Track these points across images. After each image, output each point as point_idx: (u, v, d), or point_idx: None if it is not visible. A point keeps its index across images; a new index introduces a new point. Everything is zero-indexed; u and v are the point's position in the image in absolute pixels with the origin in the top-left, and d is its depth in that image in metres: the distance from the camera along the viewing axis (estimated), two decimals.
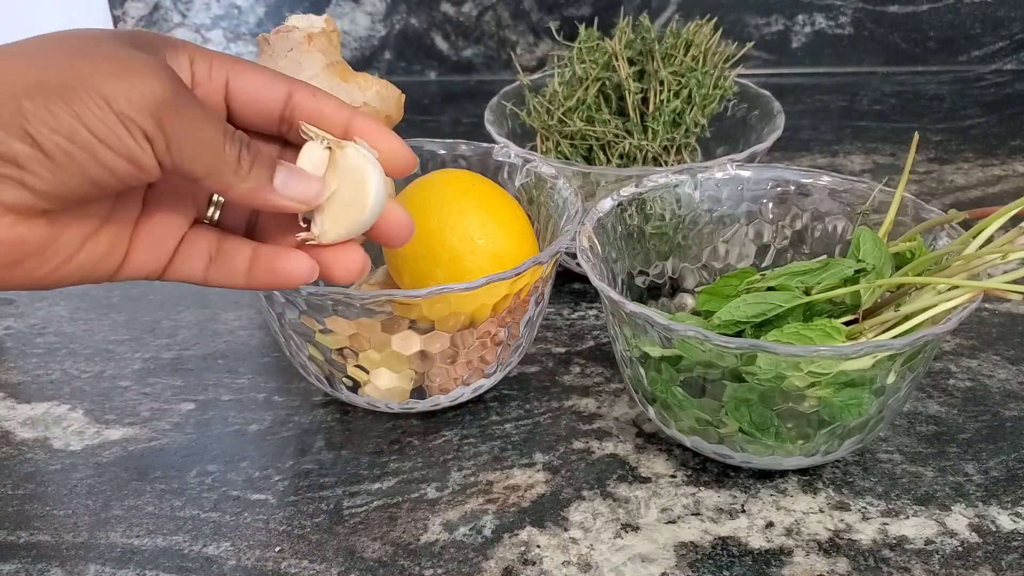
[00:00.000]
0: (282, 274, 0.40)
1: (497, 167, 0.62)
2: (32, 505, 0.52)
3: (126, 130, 0.33)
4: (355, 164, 0.39)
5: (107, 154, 0.33)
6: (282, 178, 0.38)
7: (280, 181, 0.37)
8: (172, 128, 0.34)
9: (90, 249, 0.37)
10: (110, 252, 0.38)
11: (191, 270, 0.40)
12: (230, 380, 0.61)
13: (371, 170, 0.39)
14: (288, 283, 0.40)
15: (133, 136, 0.33)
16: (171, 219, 0.39)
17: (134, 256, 0.39)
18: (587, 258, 0.52)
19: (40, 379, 0.62)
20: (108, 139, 0.33)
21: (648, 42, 0.71)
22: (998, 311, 0.66)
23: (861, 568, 0.46)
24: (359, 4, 1.07)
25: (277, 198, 0.38)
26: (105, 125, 0.33)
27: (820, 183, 0.59)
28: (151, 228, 0.39)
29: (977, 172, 0.87)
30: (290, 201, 0.38)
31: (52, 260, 0.36)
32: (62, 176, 0.33)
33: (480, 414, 0.58)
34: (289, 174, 0.38)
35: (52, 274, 0.36)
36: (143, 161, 0.34)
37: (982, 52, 1.09)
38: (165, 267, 0.40)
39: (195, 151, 0.35)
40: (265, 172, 0.37)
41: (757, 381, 0.46)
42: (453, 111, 1.03)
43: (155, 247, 0.39)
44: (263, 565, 0.47)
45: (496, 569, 0.47)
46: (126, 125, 0.33)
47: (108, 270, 0.38)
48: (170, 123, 0.34)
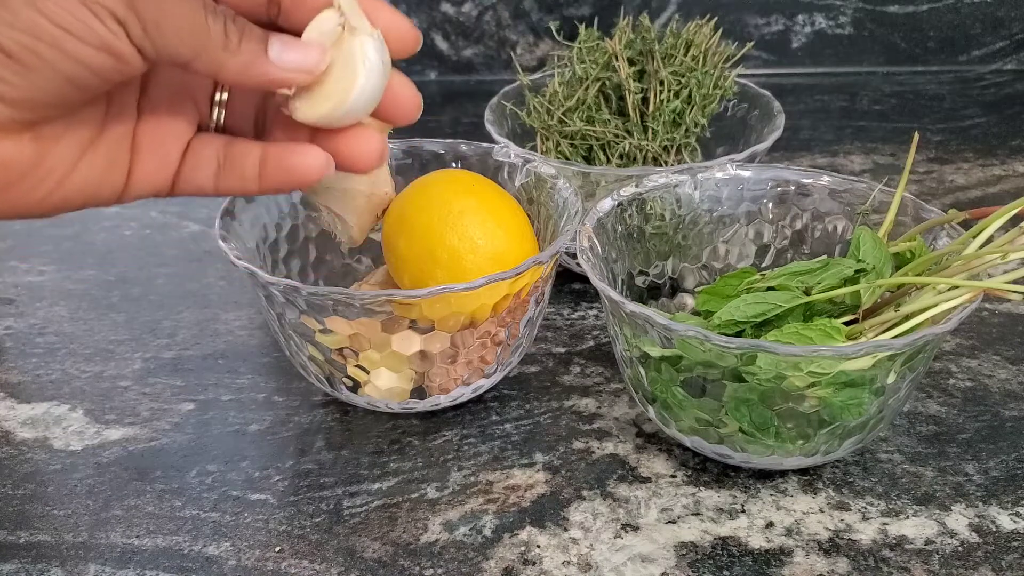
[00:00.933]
0: (295, 170, 0.36)
1: (497, 167, 0.62)
2: (32, 505, 0.52)
3: (93, 15, 0.30)
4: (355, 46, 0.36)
5: (77, 45, 0.30)
6: (277, 48, 0.34)
7: (276, 52, 0.34)
8: (144, 6, 0.31)
9: (88, 165, 0.34)
10: (110, 167, 0.35)
11: (201, 180, 0.37)
12: (230, 380, 0.61)
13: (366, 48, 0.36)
14: (303, 179, 0.37)
15: (102, 20, 0.30)
16: (172, 125, 0.37)
17: (138, 169, 0.36)
18: (587, 258, 0.52)
19: (40, 379, 0.62)
20: (75, 28, 0.30)
21: (648, 42, 0.71)
22: (998, 311, 0.66)
23: (861, 568, 0.46)
24: None
25: (275, 70, 0.34)
26: (69, 13, 0.30)
27: (820, 183, 0.59)
28: (152, 137, 0.36)
29: (977, 172, 0.87)
30: (290, 72, 0.35)
31: (47, 180, 0.33)
32: (34, 79, 0.30)
33: (480, 414, 0.58)
34: (284, 44, 0.35)
35: (50, 196, 0.34)
36: (118, 48, 0.31)
37: (982, 52, 1.09)
38: (173, 180, 0.37)
39: (175, 30, 0.32)
40: (257, 44, 0.34)
41: (757, 381, 0.46)
42: (453, 111, 1.03)
43: (159, 158, 0.36)
44: (263, 565, 0.47)
45: (496, 569, 0.47)
46: (92, 9, 0.30)
47: (113, 189, 0.36)
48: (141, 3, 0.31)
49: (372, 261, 0.66)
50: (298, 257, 0.63)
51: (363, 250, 0.65)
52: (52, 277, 0.73)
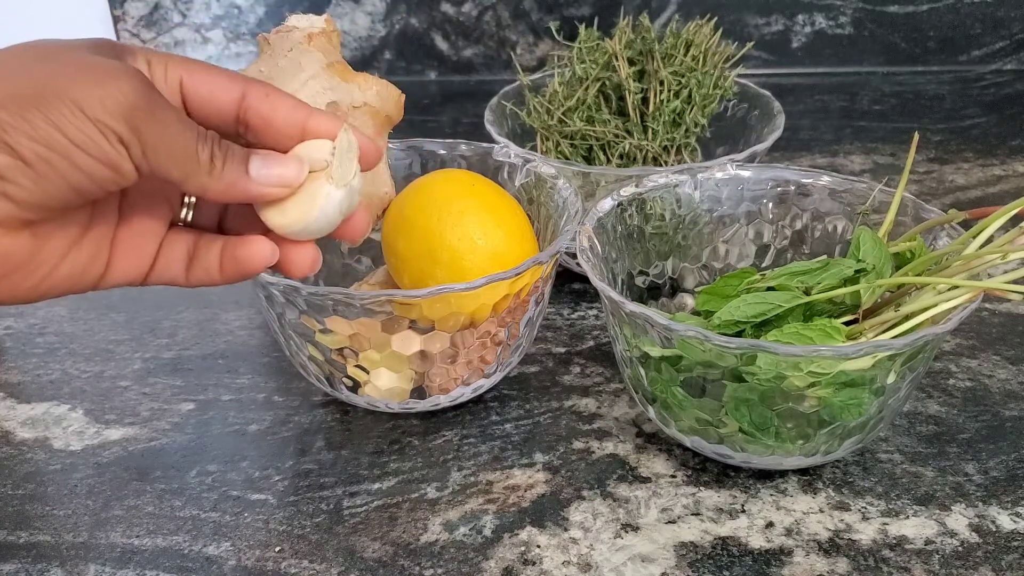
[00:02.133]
0: (243, 260, 0.40)
1: (497, 167, 0.62)
2: (32, 505, 0.52)
3: (102, 135, 0.33)
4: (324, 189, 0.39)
5: (85, 159, 0.34)
6: (257, 166, 0.38)
7: (255, 169, 0.38)
8: (146, 132, 0.34)
9: (73, 259, 0.37)
10: (93, 261, 0.38)
11: (172, 273, 0.41)
12: (230, 380, 0.61)
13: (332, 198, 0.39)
14: (250, 268, 0.40)
15: (109, 141, 0.34)
16: (148, 224, 0.40)
17: (116, 263, 0.39)
18: (587, 258, 0.52)
19: (40, 379, 0.62)
20: (85, 144, 0.33)
21: (648, 42, 0.71)
22: (998, 311, 0.66)
23: (861, 568, 0.46)
24: (359, 4, 1.07)
25: (255, 186, 0.38)
26: (81, 131, 0.33)
27: (820, 183, 0.59)
28: (130, 234, 0.39)
29: (977, 172, 0.87)
30: (269, 187, 0.38)
31: (37, 272, 0.36)
32: (43, 184, 0.33)
33: (480, 414, 0.58)
34: (263, 160, 0.38)
35: (38, 286, 0.37)
36: (120, 165, 0.34)
37: (982, 52, 1.09)
38: (147, 272, 0.40)
39: (169, 154, 0.35)
40: (239, 166, 0.37)
41: (757, 381, 0.46)
42: (453, 111, 1.03)
43: (136, 253, 0.40)
44: (263, 565, 0.47)
45: (496, 569, 0.47)
46: (101, 130, 0.33)
47: (92, 279, 0.39)
48: (144, 127, 0.34)
49: (372, 261, 0.66)
50: None
51: (363, 250, 0.65)
52: None
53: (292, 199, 0.39)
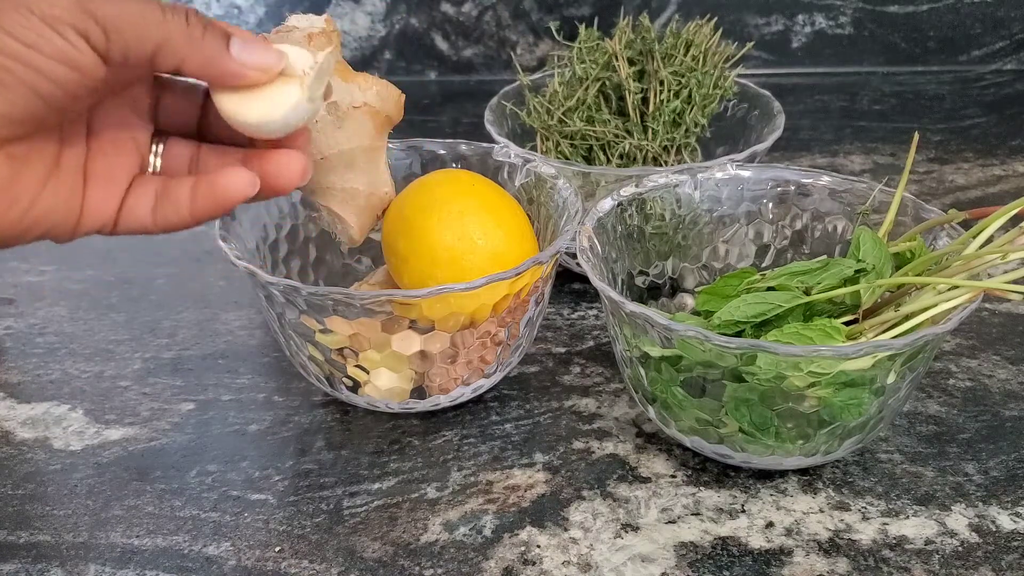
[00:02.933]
0: (220, 191, 0.38)
1: (497, 167, 0.62)
2: (32, 505, 0.52)
3: (54, 31, 0.32)
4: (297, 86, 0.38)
5: (43, 61, 0.33)
6: (238, 46, 0.36)
7: (237, 49, 0.36)
8: (103, 15, 0.33)
9: (52, 192, 0.37)
10: (69, 196, 0.38)
11: (140, 217, 0.40)
12: (230, 380, 0.61)
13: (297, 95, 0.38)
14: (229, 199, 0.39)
15: (62, 34, 0.33)
16: (116, 161, 0.39)
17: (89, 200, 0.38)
18: (587, 258, 0.52)
19: (40, 379, 0.62)
20: (39, 45, 0.32)
21: (648, 42, 0.71)
22: (998, 311, 0.66)
23: (861, 568, 0.46)
24: (359, 4, 1.07)
25: (235, 65, 0.36)
26: (33, 31, 0.32)
27: (820, 183, 0.59)
28: (100, 169, 0.39)
29: (977, 172, 0.87)
30: (248, 69, 0.37)
31: (21, 199, 0.36)
32: (7, 95, 0.33)
33: (480, 414, 0.58)
34: (244, 42, 0.37)
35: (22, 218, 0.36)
36: (79, 60, 0.33)
37: (982, 52, 1.09)
38: (116, 217, 0.39)
39: (136, 29, 0.34)
40: (219, 41, 0.36)
41: (757, 381, 0.46)
42: (453, 111, 1.03)
43: (107, 189, 0.39)
44: (263, 565, 0.47)
45: (496, 569, 0.47)
46: (54, 26, 0.32)
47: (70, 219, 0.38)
48: (100, 11, 0.33)
49: (372, 261, 0.66)
50: (298, 257, 0.63)
51: (363, 250, 0.65)
52: (52, 277, 0.73)
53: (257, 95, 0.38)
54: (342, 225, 0.53)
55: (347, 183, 0.52)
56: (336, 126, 0.50)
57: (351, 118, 0.50)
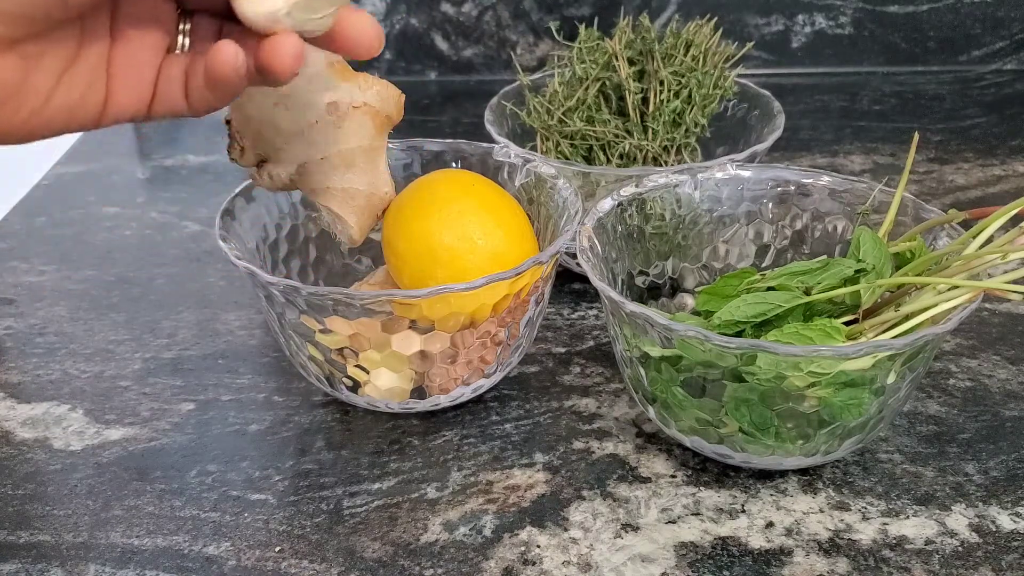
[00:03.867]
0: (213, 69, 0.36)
1: (497, 167, 0.62)
2: (32, 505, 0.52)
3: None
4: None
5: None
6: None
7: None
8: None
9: (67, 86, 0.36)
10: (89, 89, 0.36)
11: (174, 101, 0.38)
12: (230, 380, 0.61)
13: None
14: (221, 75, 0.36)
15: None
16: (143, 50, 0.38)
17: (115, 93, 0.37)
18: (587, 258, 0.52)
19: (40, 379, 0.62)
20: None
21: (648, 42, 0.71)
22: (998, 311, 0.66)
23: (861, 568, 0.46)
24: (359, 4, 1.07)
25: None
26: None
27: (820, 183, 0.59)
28: (126, 61, 0.37)
29: (977, 172, 0.87)
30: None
31: (31, 100, 0.35)
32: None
33: (480, 414, 0.58)
34: None
35: (34, 116, 0.35)
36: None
37: (982, 52, 1.09)
38: (149, 103, 0.38)
39: None
40: None
41: (757, 381, 0.46)
42: (453, 111, 1.03)
43: (134, 80, 0.37)
44: (263, 565, 0.47)
45: (496, 569, 0.47)
46: None
47: (92, 111, 0.37)
48: None
49: (372, 261, 0.66)
50: (298, 257, 0.63)
51: (363, 250, 0.65)
52: (52, 277, 0.73)
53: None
54: (342, 225, 0.53)
55: (347, 183, 0.52)
56: (336, 126, 0.50)
57: (351, 118, 0.51)
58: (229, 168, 0.51)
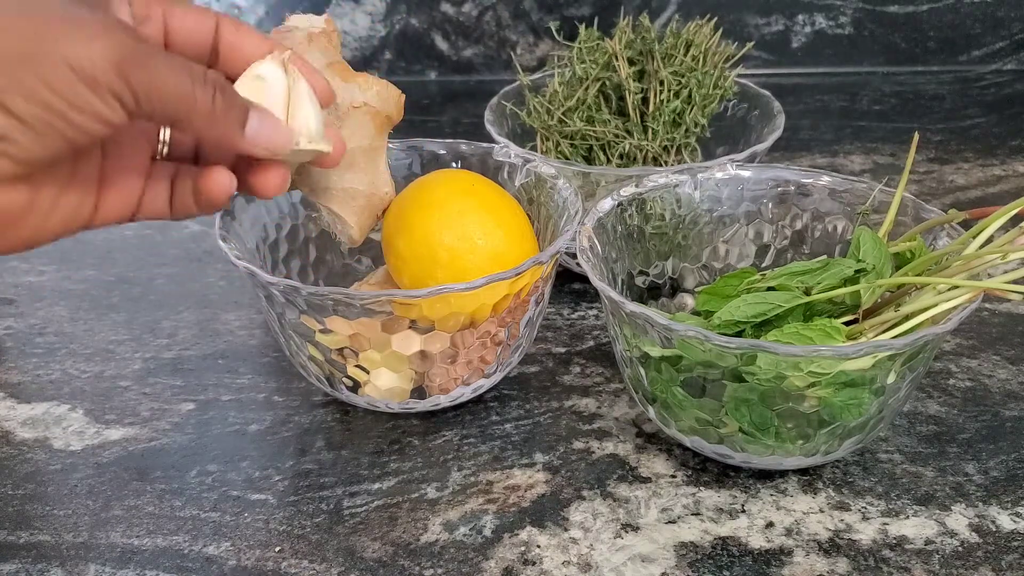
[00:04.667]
0: (206, 192, 0.41)
1: (497, 167, 0.62)
2: (32, 505, 0.52)
3: (93, 93, 0.34)
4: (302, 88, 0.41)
5: (79, 116, 0.35)
6: (254, 125, 0.39)
7: (252, 128, 0.39)
8: (138, 82, 0.35)
9: (65, 203, 0.39)
10: (82, 202, 0.39)
11: (158, 207, 0.42)
12: (230, 380, 0.61)
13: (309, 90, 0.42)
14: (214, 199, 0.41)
15: (100, 97, 0.34)
16: (132, 160, 0.41)
17: (106, 201, 0.40)
18: (587, 258, 0.52)
19: (40, 379, 0.62)
20: (78, 102, 0.34)
21: (648, 42, 0.71)
22: (998, 311, 0.66)
23: (861, 568, 0.46)
24: (359, 4, 1.07)
25: (247, 145, 0.39)
26: (73, 90, 0.34)
27: (820, 183, 0.59)
28: (116, 171, 0.41)
29: (977, 172, 0.87)
30: (258, 149, 0.39)
31: (35, 220, 0.38)
32: (40, 141, 0.35)
33: (480, 414, 0.58)
34: (261, 121, 0.39)
35: (36, 235, 0.38)
36: (111, 118, 0.35)
37: (982, 52, 1.09)
38: (135, 209, 0.42)
39: (164, 100, 0.36)
40: (237, 116, 0.38)
41: (757, 381, 0.46)
42: (453, 111, 1.03)
43: (123, 189, 0.41)
44: (263, 565, 0.47)
45: (496, 569, 0.47)
46: (93, 88, 0.34)
47: (84, 219, 0.40)
48: (135, 78, 0.35)
49: (372, 261, 0.66)
50: (298, 257, 0.63)
51: (363, 250, 0.65)
52: (52, 277, 0.73)
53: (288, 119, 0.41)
54: (342, 225, 0.53)
55: (347, 183, 0.52)
56: (336, 126, 0.50)
57: (351, 118, 0.50)
58: None
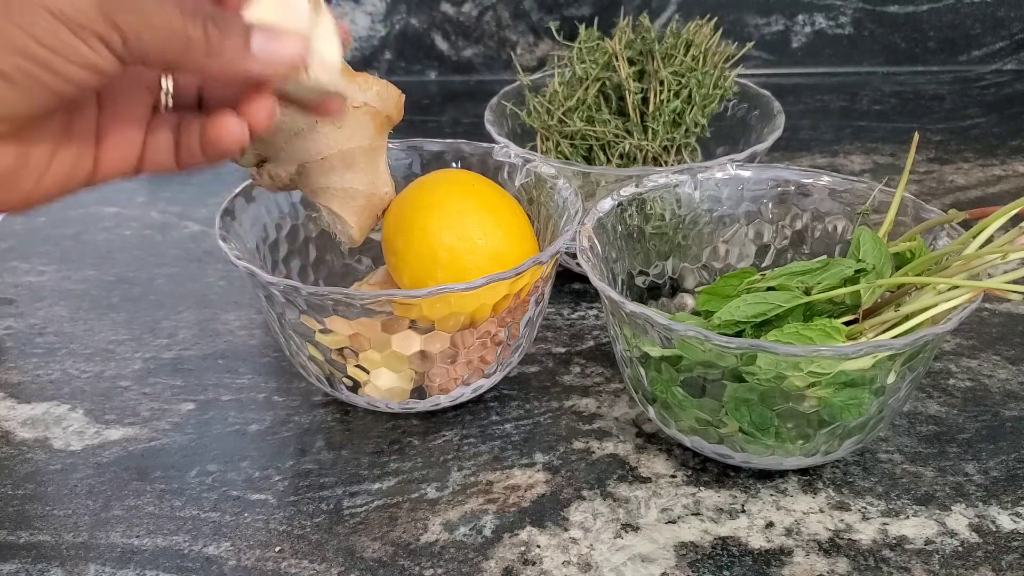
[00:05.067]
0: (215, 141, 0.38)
1: (497, 167, 0.62)
2: (32, 505, 0.52)
3: (78, 38, 0.32)
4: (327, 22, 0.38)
5: (64, 65, 0.33)
6: (260, 42, 0.36)
7: (258, 45, 0.36)
8: (124, 22, 0.33)
9: (60, 160, 0.37)
10: (79, 158, 0.38)
11: (162, 160, 0.40)
12: (230, 380, 0.61)
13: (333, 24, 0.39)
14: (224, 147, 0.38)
15: (86, 41, 0.32)
16: (130, 112, 0.39)
17: (105, 157, 0.38)
18: (587, 258, 0.52)
19: (40, 379, 0.62)
20: (63, 50, 0.32)
21: (648, 42, 0.71)
22: (998, 311, 0.66)
23: (861, 568, 0.46)
24: (359, 4, 1.07)
25: (257, 66, 0.36)
26: (55, 36, 0.32)
27: (820, 183, 0.59)
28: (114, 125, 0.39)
29: (977, 172, 0.87)
30: (272, 67, 0.36)
31: (29, 179, 0.36)
32: (26, 96, 0.33)
33: (480, 414, 0.58)
34: (266, 37, 0.36)
35: (33, 191, 0.37)
36: (100, 64, 0.33)
37: (982, 52, 1.09)
38: (137, 162, 0.39)
39: (156, 40, 0.33)
40: (238, 41, 0.35)
41: (757, 381, 0.46)
42: (453, 111, 1.03)
43: (123, 143, 0.39)
44: (263, 565, 0.47)
45: (496, 569, 0.47)
46: (77, 32, 0.32)
47: (83, 176, 0.38)
48: (121, 19, 0.33)
49: (372, 261, 0.66)
50: (298, 257, 0.63)
51: (363, 250, 0.65)
52: (52, 277, 0.73)
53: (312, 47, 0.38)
54: (342, 225, 0.53)
55: (347, 183, 0.52)
56: (336, 126, 0.50)
57: (351, 118, 0.50)
58: (229, 168, 0.51)
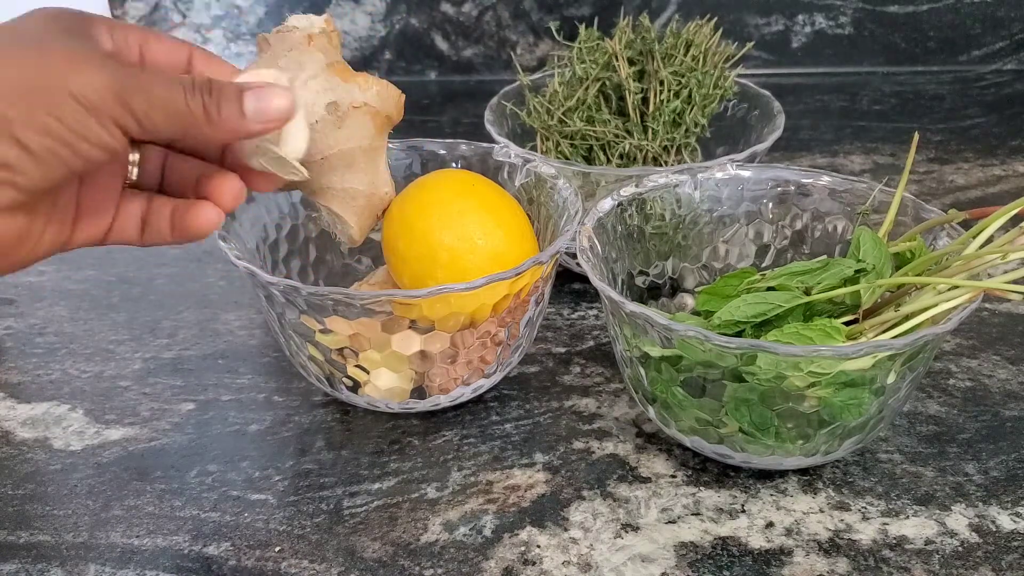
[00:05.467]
0: (191, 225, 0.42)
1: (497, 167, 0.62)
2: (32, 505, 0.52)
3: (96, 122, 0.36)
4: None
5: (84, 146, 0.36)
6: (252, 103, 0.39)
7: (251, 107, 0.39)
8: (137, 106, 0.36)
9: (50, 230, 0.40)
10: (62, 228, 0.41)
11: (128, 234, 0.43)
12: (230, 380, 0.61)
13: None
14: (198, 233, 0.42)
15: (104, 126, 0.36)
16: (106, 184, 0.42)
17: (80, 227, 0.41)
18: (587, 258, 0.52)
19: (40, 379, 0.62)
20: (83, 131, 0.36)
21: (648, 42, 0.71)
22: (998, 311, 0.66)
23: (861, 568, 0.46)
24: (359, 4, 1.07)
25: (254, 126, 0.39)
26: (78, 119, 0.35)
27: (820, 183, 0.59)
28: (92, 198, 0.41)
29: (977, 172, 0.87)
30: (266, 124, 0.40)
31: (27, 247, 0.39)
32: (47, 171, 0.36)
33: (480, 414, 0.58)
34: (257, 97, 0.39)
35: (27, 258, 0.40)
36: (112, 144, 0.37)
37: (982, 52, 1.09)
38: (106, 233, 0.42)
39: (164, 118, 0.37)
40: (234, 106, 0.39)
41: (757, 381, 0.46)
42: (453, 111, 1.03)
43: (98, 212, 0.42)
44: (263, 565, 0.47)
45: (496, 569, 0.47)
46: (98, 118, 0.36)
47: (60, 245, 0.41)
48: (134, 102, 0.36)
49: (372, 261, 0.66)
50: (298, 257, 0.63)
51: (363, 250, 0.65)
52: (52, 277, 0.73)
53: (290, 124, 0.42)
54: (342, 225, 0.53)
55: (347, 183, 0.52)
56: (336, 126, 0.50)
57: (351, 118, 0.50)
58: None
